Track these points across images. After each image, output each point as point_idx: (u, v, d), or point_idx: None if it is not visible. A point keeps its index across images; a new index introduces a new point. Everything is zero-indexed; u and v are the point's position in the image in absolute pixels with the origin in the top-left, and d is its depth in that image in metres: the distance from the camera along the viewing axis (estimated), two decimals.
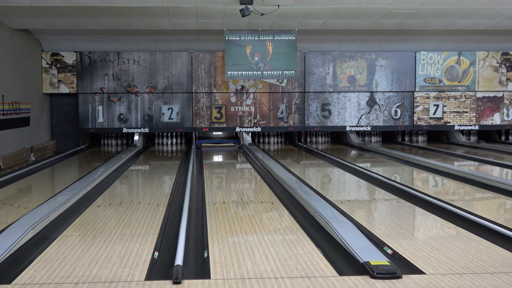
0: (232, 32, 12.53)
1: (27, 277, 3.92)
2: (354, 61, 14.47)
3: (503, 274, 3.92)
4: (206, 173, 9.50)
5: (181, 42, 13.80)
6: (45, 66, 13.80)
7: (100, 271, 4.02)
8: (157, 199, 7.00)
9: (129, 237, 5.02)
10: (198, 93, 14.16)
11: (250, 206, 6.51)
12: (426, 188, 8.16)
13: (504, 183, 7.52)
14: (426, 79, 14.61)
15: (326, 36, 13.67)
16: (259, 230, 5.30)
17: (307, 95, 14.45)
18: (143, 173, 10.30)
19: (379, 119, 14.69)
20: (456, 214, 5.84)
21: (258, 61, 12.78)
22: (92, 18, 11.02)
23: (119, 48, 13.91)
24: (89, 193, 7.34)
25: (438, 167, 9.52)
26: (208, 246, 4.70)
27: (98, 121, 14.06)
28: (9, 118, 11.17)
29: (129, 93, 14.04)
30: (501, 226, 5.23)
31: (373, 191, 7.80)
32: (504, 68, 14.78)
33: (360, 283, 3.73)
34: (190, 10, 10.30)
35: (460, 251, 4.53)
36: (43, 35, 13.15)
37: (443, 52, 14.58)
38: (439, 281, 3.78)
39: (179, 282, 3.72)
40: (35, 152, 12.01)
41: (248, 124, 14.29)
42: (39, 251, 4.57)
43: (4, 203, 6.72)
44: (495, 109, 14.89)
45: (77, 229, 5.41)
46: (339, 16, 11.04)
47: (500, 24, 12.09)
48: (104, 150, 14.01)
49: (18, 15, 10.57)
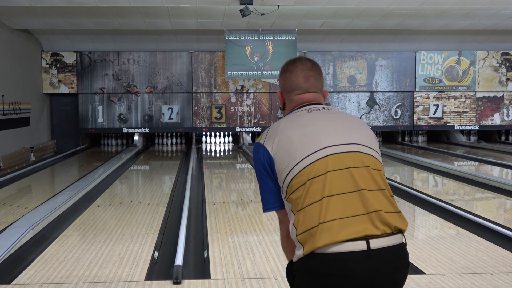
0: (232, 32, 12.53)
1: (27, 277, 3.92)
2: (354, 61, 14.47)
3: (503, 274, 3.92)
4: (206, 173, 9.50)
5: (181, 42, 13.79)
6: (45, 66, 13.79)
7: (100, 271, 4.02)
8: (157, 199, 7.00)
9: (129, 237, 5.02)
10: (198, 93, 14.16)
11: (250, 206, 6.51)
12: (426, 188, 8.16)
13: (504, 183, 7.52)
14: (426, 79, 14.60)
15: (326, 36, 13.67)
16: (259, 230, 5.30)
17: None
18: (143, 173, 10.30)
19: (379, 119, 14.70)
20: (456, 214, 5.84)
21: (258, 61, 12.79)
22: (92, 18, 11.02)
23: (119, 48, 13.90)
24: (89, 193, 7.33)
25: (438, 167, 9.52)
26: (208, 246, 4.70)
27: (98, 121, 14.05)
28: (9, 118, 11.17)
29: (129, 93, 14.04)
30: (501, 226, 5.23)
31: None
32: (504, 68, 14.78)
33: None
34: (190, 10, 10.29)
35: (460, 251, 4.53)
36: (43, 35, 13.15)
37: (443, 52, 14.58)
38: (439, 281, 3.78)
39: (179, 282, 3.72)
40: (35, 152, 12.01)
41: (248, 124, 14.29)
42: (39, 251, 4.57)
43: (4, 203, 6.72)
44: (495, 109, 14.89)
45: (77, 229, 5.41)
46: (339, 16, 11.04)
47: (500, 24, 12.09)
48: (104, 150, 14.02)
49: (18, 15, 10.57)
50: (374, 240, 1.66)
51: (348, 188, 1.70)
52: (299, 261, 1.73)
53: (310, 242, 1.66)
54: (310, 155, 1.73)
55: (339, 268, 1.65)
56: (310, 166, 1.72)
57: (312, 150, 1.73)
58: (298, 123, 1.83)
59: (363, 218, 1.67)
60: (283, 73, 1.98)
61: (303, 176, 1.72)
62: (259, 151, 1.83)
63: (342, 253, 1.64)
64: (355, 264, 1.64)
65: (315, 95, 1.94)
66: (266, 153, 1.80)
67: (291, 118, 1.89)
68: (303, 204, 1.70)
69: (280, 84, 2.01)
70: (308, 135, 1.77)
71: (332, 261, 1.65)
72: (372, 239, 1.65)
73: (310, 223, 1.68)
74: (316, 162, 1.72)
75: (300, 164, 1.73)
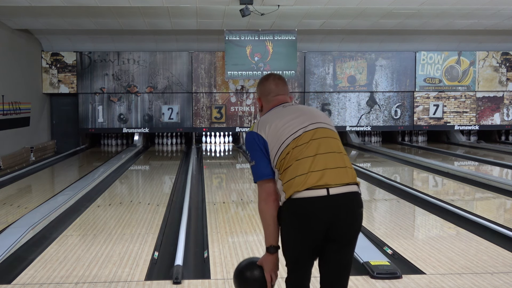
0: (232, 32, 12.53)
1: (27, 277, 3.92)
2: (354, 61, 14.47)
3: (503, 274, 3.92)
4: (206, 173, 9.50)
5: (181, 42, 13.79)
6: (45, 66, 13.80)
7: (100, 271, 4.02)
8: (157, 199, 7.00)
9: (129, 237, 5.02)
10: (198, 93, 14.16)
11: (250, 206, 6.51)
12: (426, 188, 8.16)
13: (504, 183, 7.52)
14: (426, 79, 14.61)
15: (326, 36, 13.67)
16: (259, 230, 5.30)
17: (307, 95, 14.45)
18: (143, 173, 10.30)
19: (379, 119, 14.70)
20: (456, 214, 5.84)
21: (258, 61, 12.78)
22: (92, 18, 11.02)
23: (119, 48, 13.90)
24: (89, 193, 7.33)
25: (438, 167, 9.51)
26: (208, 246, 4.70)
27: (98, 121, 14.05)
28: (9, 118, 11.17)
29: (129, 93, 14.04)
30: (501, 226, 5.23)
31: (373, 191, 7.80)
32: (504, 68, 14.78)
33: (360, 283, 3.73)
34: (190, 10, 10.30)
35: (460, 251, 4.53)
36: (43, 35, 13.15)
37: (443, 52, 14.58)
38: (439, 281, 3.78)
39: (179, 282, 3.72)
40: (35, 152, 12.01)
41: (248, 124, 14.28)
42: (39, 251, 4.57)
43: (4, 203, 6.73)
44: (495, 109, 14.89)
45: (77, 229, 5.41)
46: (339, 16, 11.04)
47: (500, 24, 12.09)
48: (104, 150, 14.02)
49: (18, 15, 10.57)
50: (332, 188, 2.30)
51: (314, 152, 2.36)
52: (283, 205, 2.40)
53: (289, 190, 2.32)
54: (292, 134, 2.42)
55: (307, 209, 2.29)
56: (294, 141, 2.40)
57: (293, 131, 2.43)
58: (279, 115, 2.53)
59: (325, 171, 2.32)
60: (261, 83, 2.71)
61: (288, 148, 2.39)
62: (255, 138, 2.49)
63: (309, 197, 2.29)
64: (319, 205, 2.29)
65: (284, 97, 2.68)
66: (260, 138, 2.47)
67: (273, 112, 2.57)
68: (286, 165, 2.37)
69: (258, 92, 2.72)
70: (288, 122, 2.47)
71: (302, 203, 2.30)
72: (331, 188, 2.30)
73: (288, 177, 2.34)
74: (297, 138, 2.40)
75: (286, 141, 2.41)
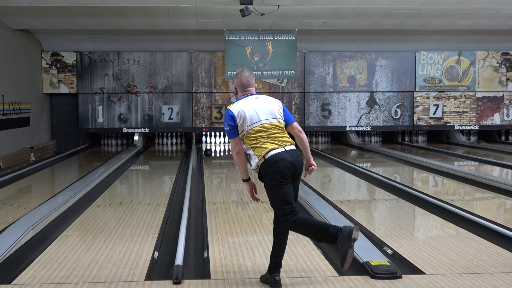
0: (232, 32, 12.53)
1: (27, 277, 3.92)
2: (354, 61, 14.48)
3: (503, 274, 3.92)
4: (206, 173, 9.50)
5: (181, 42, 13.80)
6: (45, 66, 13.80)
7: (100, 271, 4.02)
8: (157, 199, 7.00)
9: (129, 237, 5.02)
10: (198, 93, 14.16)
11: (250, 206, 6.51)
12: (426, 188, 8.16)
13: (504, 183, 7.52)
14: (426, 79, 14.61)
15: (326, 36, 13.67)
16: (259, 230, 5.30)
17: (307, 95, 14.45)
18: (143, 173, 10.30)
19: (379, 119, 14.70)
20: (456, 214, 5.84)
21: (258, 61, 12.78)
22: (92, 18, 11.02)
23: (119, 48, 13.91)
24: (89, 193, 7.34)
25: (438, 167, 9.51)
26: (208, 246, 4.70)
27: (98, 121, 14.06)
28: (9, 118, 11.18)
29: (129, 93, 14.05)
30: (501, 226, 5.23)
31: (373, 191, 7.80)
32: (504, 68, 14.78)
33: (360, 283, 3.73)
34: (190, 10, 10.30)
35: (460, 251, 4.53)
36: (43, 35, 13.15)
37: (443, 52, 14.58)
38: (439, 281, 3.78)
39: (179, 282, 3.72)
40: (35, 152, 12.01)
41: None
42: (39, 251, 4.57)
43: (4, 203, 6.73)
44: (495, 109, 14.90)
45: (77, 229, 5.41)
46: (339, 16, 11.04)
47: (500, 24, 12.09)
48: (104, 150, 14.02)
49: (18, 15, 10.57)
50: (286, 147, 3.68)
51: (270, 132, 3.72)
52: (262, 164, 3.67)
53: (262, 153, 3.65)
54: (255, 123, 3.72)
55: (279, 156, 3.62)
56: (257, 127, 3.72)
57: (255, 121, 3.72)
58: (250, 105, 3.78)
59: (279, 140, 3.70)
60: (237, 78, 3.91)
61: (251, 131, 3.71)
62: (229, 113, 3.76)
63: (276, 153, 3.63)
64: (283, 155, 3.63)
65: (252, 89, 3.92)
66: (234, 116, 3.73)
67: (246, 100, 3.82)
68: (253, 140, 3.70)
69: (235, 82, 3.93)
70: (253, 111, 3.75)
71: (273, 156, 3.62)
72: (286, 147, 3.68)
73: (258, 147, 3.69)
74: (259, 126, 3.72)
75: (250, 126, 3.72)
